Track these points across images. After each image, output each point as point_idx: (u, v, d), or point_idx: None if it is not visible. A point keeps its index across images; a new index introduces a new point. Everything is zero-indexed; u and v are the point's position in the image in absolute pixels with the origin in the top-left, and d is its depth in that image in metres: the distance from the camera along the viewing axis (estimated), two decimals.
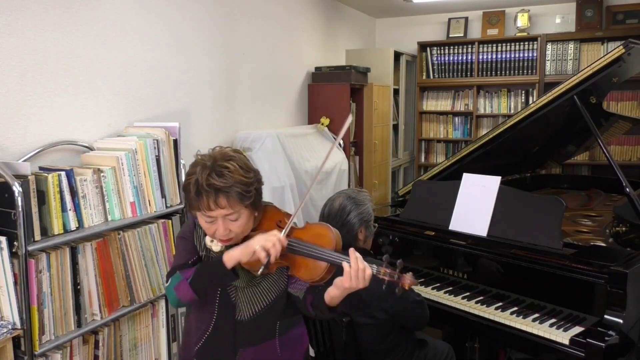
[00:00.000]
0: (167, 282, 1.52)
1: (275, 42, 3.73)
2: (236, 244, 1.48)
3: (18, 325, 1.69)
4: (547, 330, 1.91)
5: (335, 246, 1.48)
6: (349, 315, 1.86)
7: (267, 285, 1.55)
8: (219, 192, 1.40)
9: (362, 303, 1.84)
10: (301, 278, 1.48)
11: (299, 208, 1.57)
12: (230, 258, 1.41)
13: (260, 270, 1.40)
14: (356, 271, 1.37)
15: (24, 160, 1.95)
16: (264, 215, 1.61)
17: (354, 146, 4.33)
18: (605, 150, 2.38)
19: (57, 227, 1.80)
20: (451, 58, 5.21)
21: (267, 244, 1.38)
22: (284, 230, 1.45)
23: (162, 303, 2.26)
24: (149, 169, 2.18)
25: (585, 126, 2.44)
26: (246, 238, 1.52)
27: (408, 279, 1.40)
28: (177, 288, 1.46)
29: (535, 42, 4.82)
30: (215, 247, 1.54)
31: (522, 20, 4.93)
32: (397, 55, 5.04)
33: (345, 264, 1.39)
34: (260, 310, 1.54)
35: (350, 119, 1.54)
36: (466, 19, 5.26)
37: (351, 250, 1.41)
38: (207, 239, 1.55)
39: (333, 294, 1.43)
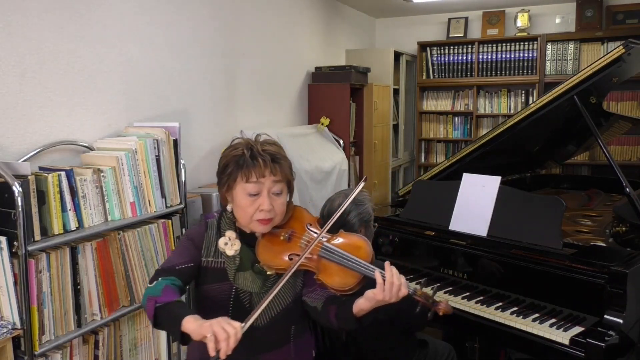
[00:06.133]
0: (151, 282, 1.45)
1: (275, 42, 3.73)
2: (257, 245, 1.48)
3: (18, 325, 1.69)
4: (547, 330, 1.90)
5: (371, 260, 1.45)
6: None
7: (283, 288, 1.49)
8: (274, 159, 1.48)
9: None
10: (331, 286, 1.44)
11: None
12: (187, 323, 1.29)
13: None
14: (391, 285, 1.34)
15: (24, 160, 1.95)
16: (293, 215, 1.59)
17: (354, 146, 4.33)
18: (605, 150, 2.38)
19: (57, 227, 1.80)
20: (451, 58, 5.21)
21: (221, 334, 1.21)
22: (274, 289, 1.36)
23: None
24: (149, 169, 2.18)
25: (585, 126, 2.44)
26: (271, 235, 1.54)
27: (443, 305, 1.40)
28: (148, 301, 1.39)
29: (535, 42, 4.82)
30: (229, 250, 1.51)
31: (522, 20, 4.93)
32: (397, 55, 5.04)
33: (378, 276, 1.36)
34: (276, 314, 1.50)
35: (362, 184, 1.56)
36: (466, 19, 5.26)
37: (387, 264, 1.38)
38: (222, 242, 1.52)
39: (363, 306, 1.38)
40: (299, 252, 1.50)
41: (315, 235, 1.53)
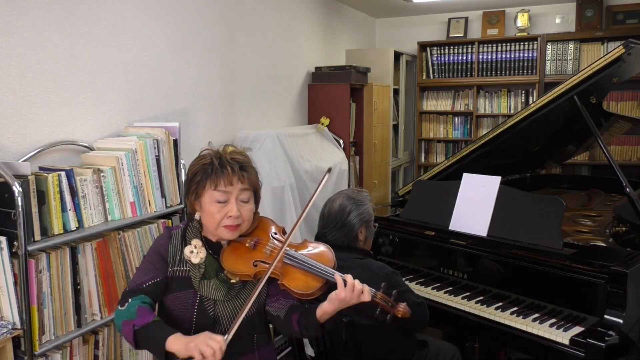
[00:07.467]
0: (122, 305, 1.46)
1: (275, 42, 3.73)
2: (226, 252, 1.50)
3: (18, 325, 1.69)
4: (547, 330, 1.91)
5: (333, 266, 1.53)
6: (348, 315, 1.86)
7: (247, 296, 1.53)
8: (242, 168, 1.52)
9: (363, 304, 1.83)
10: (294, 289, 1.49)
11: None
12: (172, 344, 1.34)
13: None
14: (352, 286, 1.43)
15: (24, 160, 1.95)
16: (259, 225, 1.64)
17: (354, 146, 4.32)
18: (605, 150, 2.38)
19: (57, 227, 1.80)
20: (451, 58, 5.21)
21: (207, 351, 1.30)
22: (244, 309, 1.41)
23: None
24: (149, 169, 2.18)
25: (585, 126, 2.44)
26: (237, 242, 1.56)
27: (401, 308, 1.49)
28: (124, 326, 1.41)
29: (535, 42, 4.82)
30: (195, 259, 1.54)
31: (522, 20, 4.93)
32: (397, 55, 5.04)
33: (338, 279, 1.45)
34: (240, 323, 1.49)
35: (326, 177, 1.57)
36: (466, 19, 5.26)
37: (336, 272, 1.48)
38: (187, 250, 1.55)
39: (327, 309, 1.45)
40: (263, 258, 1.54)
41: (280, 243, 1.59)
